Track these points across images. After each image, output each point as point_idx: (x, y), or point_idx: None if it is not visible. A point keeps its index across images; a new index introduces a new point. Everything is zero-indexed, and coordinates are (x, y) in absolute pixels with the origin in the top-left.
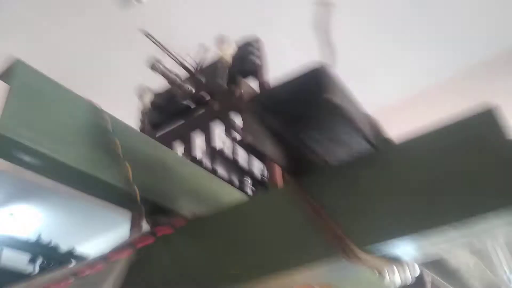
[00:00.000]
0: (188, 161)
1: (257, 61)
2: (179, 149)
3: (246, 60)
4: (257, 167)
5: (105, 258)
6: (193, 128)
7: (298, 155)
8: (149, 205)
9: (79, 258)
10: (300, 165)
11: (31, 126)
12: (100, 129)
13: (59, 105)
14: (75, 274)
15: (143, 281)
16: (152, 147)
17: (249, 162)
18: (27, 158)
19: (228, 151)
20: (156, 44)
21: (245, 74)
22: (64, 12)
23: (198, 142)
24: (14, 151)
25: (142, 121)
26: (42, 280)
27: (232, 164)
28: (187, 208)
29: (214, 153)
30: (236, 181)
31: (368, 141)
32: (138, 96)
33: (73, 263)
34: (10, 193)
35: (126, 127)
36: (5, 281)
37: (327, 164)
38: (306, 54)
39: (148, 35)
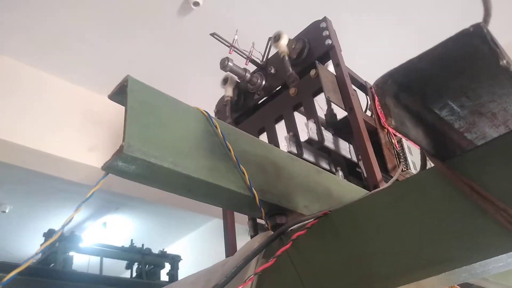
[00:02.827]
0: (295, 156)
1: (329, 41)
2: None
3: (318, 42)
4: (344, 146)
5: (245, 266)
6: (273, 117)
7: (439, 136)
8: (267, 207)
9: (172, 258)
10: (442, 146)
11: (153, 143)
12: (211, 136)
13: (172, 117)
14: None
15: (277, 286)
16: (260, 147)
17: (335, 142)
18: (147, 174)
19: (312, 133)
20: (223, 42)
21: (319, 58)
22: (127, 29)
23: (280, 130)
24: (134, 168)
25: (223, 114)
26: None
27: (319, 148)
28: (302, 204)
29: (298, 139)
30: (323, 163)
31: None
32: (221, 84)
33: (167, 265)
34: (101, 205)
35: (233, 130)
36: None
37: (466, 141)
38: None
39: (214, 35)
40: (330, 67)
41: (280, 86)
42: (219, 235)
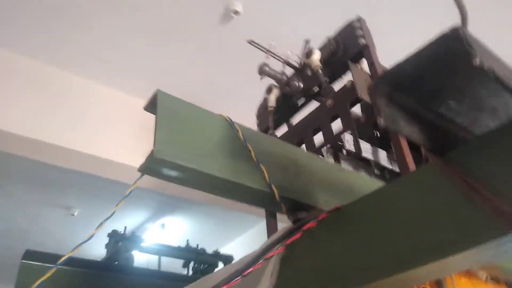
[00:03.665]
0: (316, 155)
1: (363, 41)
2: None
3: (351, 42)
4: (383, 155)
5: (263, 256)
6: (311, 128)
7: (438, 131)
8: (288, 203)
9: (225, 258)
10: (442, 141)
11: (180, 147)
12: (233, 139)
13: (198, 124)
14: (241, 273)
15: (294, 275)
16: (280, 147)
17: (373, 152)
18: (177, 174)
19: (349, 145)
20: (260, 49)
21: (354, 57)
22: (171, 38)
23: (319, 137)
24: (165, 169)
25: (259, 124)
26: (212, 281)
27: (355, 157)
28: (322, 200)
29: (336, 151)
30: (363, 173)
31: None
32: (265, 92)
33: (220, 264)
34: (159, 208)
35: (255, 133)
36: (167, 283)
37: (472, 135)
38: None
39: (251, 42)
40: (365, 65)
41: (318, 88)
42: None
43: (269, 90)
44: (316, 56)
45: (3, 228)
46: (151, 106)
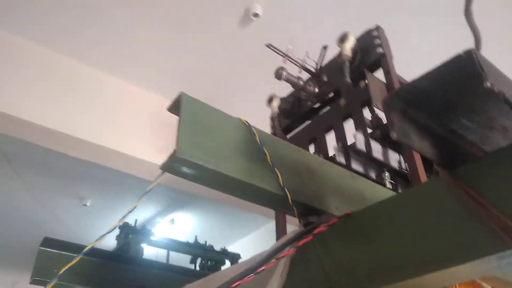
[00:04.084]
0: (329, 161)
1: (380, 50)
2: (311, 149)
3: (369, 50)
4: (394, 159)
5: (274, 256)
6: (323, 127)
7: (449, 146)
8: (300, 206)
9: (232, 256)
10: (452, 156)
11: (200, 148)
12: (250, 142)
13: (217, 127)
14: (254, 270)
15: (304, 276)
16: (296, 152)
17: (385, 155)
18: (195, 173)
19: (361, 146)
20: (277, 53)
21: (371, 65)
22: (192, 39)
23: (330, 140)
24: (185, 168)
25: (273, 126)
26: (222, 278)
27: (367, 159)
28: (334, 206)
29: (347, 150)
30: (373, 175)
31: None
32: (267, 102)
33: (227, 262)
34: (169, 203)
35: (271, 137)
36: (176, 277)
37: (482, 152)
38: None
39: (269, 46)
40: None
41: (332, 93)
42: None
43: (270, 100)
44: (350, 44)
45: (17, 215)
46: (175, 107)
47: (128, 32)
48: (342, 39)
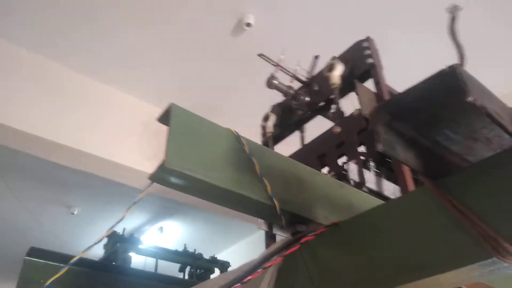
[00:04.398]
0: (318, 171)
1: (370, 60)
2: None
3: (359, 61)
4: (388, 187)
5: (261, 265)
6: (315, 154)
7: (434, 157)
8: (288, 216)
9: (221, 264)
10: (437, 167)
11: (189, 158)
12: (239, 152)
13: (206, 137)
14: (240, 280)
15: (291, 285)
16: (285, 162)
17: (377, 182)
18: (183, 183)
19: (353, 174)
20: (269, 62)
21: (361, 76)
22: (184, 48)
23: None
24: (173, 179)
25: (263, 134)
26: (212, 285)
27: (359, 187)
28: (322, 215)
29: (340, 177)
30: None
31: (510, 134)
32: (262, 120)
33: (216, 270)
34: (158, 211)
35: (260, 147)
36: (164, 286)
37: (467, 162)
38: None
39: (261, 55)
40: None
41: (323, 103)
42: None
43: (266, 118)
44: (338, 72)
45: (2, 223)
46: (165, 117)
47: (119, 39)
48: (330, 68)
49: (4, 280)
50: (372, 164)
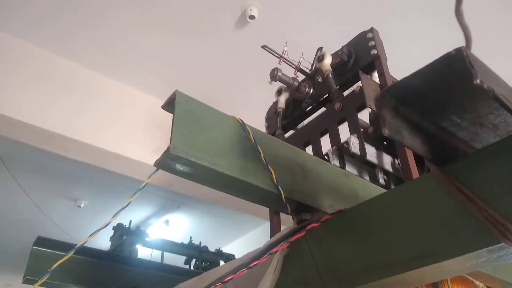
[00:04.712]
0: (323, 160)
1: (375, 52)
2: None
3: (364, 52)
4: (388, 161)
5: (268, 251)
6: (318, 130)
7: (440, 143)
8: (293, 204)
9: (227, 257)
10: (443, 153)
11: (194, 145)
12: (244, 140)
13: (212, 124)
14: (247, 265)
15: (296, 272)
16: (290, 151)
17: (379, 157)
18: (189, 170)
19: (355, 150)
20: (273, 54)
21: (365, 67)
22: (188, 41)
23: (325, 141)
24: (179, 165)
25: (268, 127)
26: (216, 274)
27: (361, 162)
28: (327, 204)
29: (341, 153)
30: (367, 176)
31: None
32: (276, 94)
33: (222, 263)
34: (163, 204)
35: (265, 136)
36: (169, 277)
37: (472, 149)
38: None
39: (264, 47)
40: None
41: (327, 94)
42: None
43: (279, 92)
44: (327, 61)
45: (10, 216)
46: (169, 105)
47: (126, 35)
48: (320, 59)
49: (13, 272)
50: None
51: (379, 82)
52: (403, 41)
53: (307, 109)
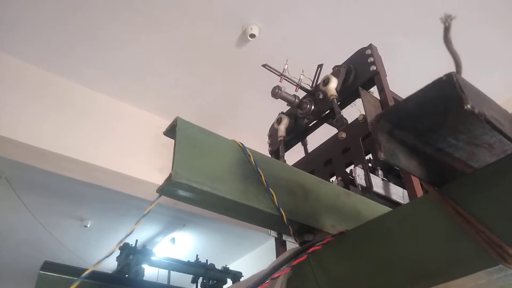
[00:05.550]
0: (324, 180)
1: (374, 68)
2: None
3: (363, 68)
4: (395, 190)
5: (270, 276)
6: (322, 160)
7: (437, 164)
8: (295, 225)
9: (234, 275)
10: (440, 174)
11: (196, 170)
12: (245, 164)
13: (212, 149)
14: None
15: None
16: (290, 172)
17: (385, 186)
18: (191, 196)
19: (360, 179)
20: (273, 72)
21: (365, 83)
22: (191, 61)
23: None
24: (181, 191)
25: (271, 144)
26: None
27: (366, 192)
28: (329, 224)
29: (347, 185)
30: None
31: (511, 140)
32: (275, 123)
33: (229, 281)
34: (169, 222)
35: (266, 158)
36: None
37: (470, 168)
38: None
39: (265, 66)
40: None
41: (328, 111)
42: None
43: (278, 121)
44: (333, 85)
45: (17, 237)
46: (171, 131)
47: (125, 52)
48: (325, 82)
49: None
50: (379, 171)
51: (379, 98)
52: (404, 56)
53: (309, 125)
